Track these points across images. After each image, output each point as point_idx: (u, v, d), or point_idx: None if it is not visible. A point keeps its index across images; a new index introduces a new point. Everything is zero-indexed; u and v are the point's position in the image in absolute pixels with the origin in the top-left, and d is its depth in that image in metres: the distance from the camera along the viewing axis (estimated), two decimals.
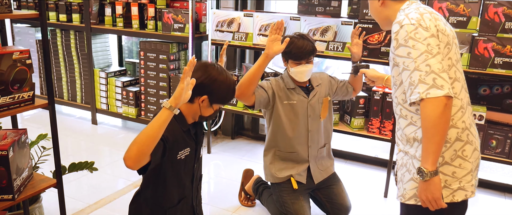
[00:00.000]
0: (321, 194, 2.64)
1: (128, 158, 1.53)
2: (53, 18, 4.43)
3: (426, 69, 1.46)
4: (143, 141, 1.53)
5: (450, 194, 1.57)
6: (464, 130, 1.56)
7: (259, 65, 2.26)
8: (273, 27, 2.25)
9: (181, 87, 1.56)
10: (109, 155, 3.79)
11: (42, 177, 2.18)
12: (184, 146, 1.88)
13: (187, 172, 1.96)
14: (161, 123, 1.55)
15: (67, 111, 4.90)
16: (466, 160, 1.57)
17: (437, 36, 1.51)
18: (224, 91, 1.85)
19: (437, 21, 1.56)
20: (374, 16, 1.82)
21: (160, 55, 3.93)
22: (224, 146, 4.06)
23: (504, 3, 2.65)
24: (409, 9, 1.62)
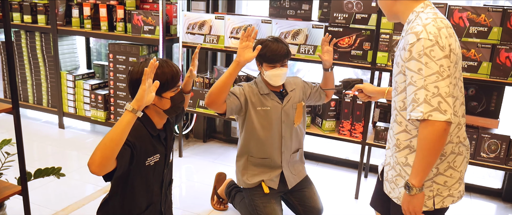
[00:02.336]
0: (293, 198, 2.65)
1: (92, 163, 1.49)
2: (17, 19, 4.29)
3: (433, 91, 1.46)
4: (106, 145, 1.50)
5: (440, 201, 1.68)
6: (458, 144, 1.65)
7: (230, 73, 2.21)
8: (244, 34, 2.21)
9: (143, 89, 1.54)
10: (77, 160, 3.70)
11: (6, 184, 2.11)
12: (153, 152, 1.85)
13: (156, 178, 1.93)
14: (124, 126, 1.52)
15: (33, 115, 4.75)
16: (455, 170, 1.67)
17: (449, 56, 1.51)
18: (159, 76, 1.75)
19: (451, 38, 1.55)
20: (382, 6, 1.77)
21: (129, 58, 3.86)
22: (196, 149, 4.03)
23: (468, 8, 2.74)
24: (426, 15, 1.58)
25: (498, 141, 2.85)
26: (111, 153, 1.52)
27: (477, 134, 2.88)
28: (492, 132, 2.88)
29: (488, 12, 2.70)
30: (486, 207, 3.23)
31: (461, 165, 1.68)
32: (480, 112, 3.14)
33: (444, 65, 1.48)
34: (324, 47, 2.61)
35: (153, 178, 1.90)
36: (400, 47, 1.64)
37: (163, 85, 1.78)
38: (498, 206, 3.24)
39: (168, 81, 1.81)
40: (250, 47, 2.22)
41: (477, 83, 3.05)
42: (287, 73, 2.45)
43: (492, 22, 2.71)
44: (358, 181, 3.20)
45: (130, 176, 1.80)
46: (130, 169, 1.73)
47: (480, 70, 2.76)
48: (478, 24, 2.74)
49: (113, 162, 1.57)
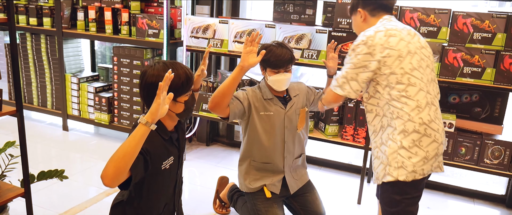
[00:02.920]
0: (296, 202, 2.64)
1: (105, 177, 1.49)
2: (23, 22, 4.32)
3: (344, 75, 1.96)
4: (120, 158, 1.50)
5: (403, 174, 1.88)
6: (422, 125, 1.86)
7: (234, 78, 2.20)
8: (248, 39, 2.20)
9: (158, 102, 1.54)
10: (80, 163, 3.71)
11: (9, 186, 2.12)
12: (168, 155, 1.86)
13: (172, 180, 1.95)
14: (138, 139, 1.52)
15: (37, 117, 4.78)
16: (421, 148, 1.87)
17: (374, 54, 1.87)
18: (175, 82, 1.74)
19: (390, 38, 1.88)
20: (356, 30, 2.14)
21: (134, 61, 3.88)
22: (198, 153, 4.03)
23: (472, 14, 2.74)
24: (376, 25, 1.97)
25: (502, 147, 2.83)
26: (125, 166, 1.52)
27: (480, 140, 2.87)
28: (496, 138, 2.87)
29: (492, 18, 2.70)
30: (490, 214, 3.21)
31: (428, 146, 1.87)
32: (484, 118, 3.13)
33: (361, 59, 1.90)
34: (330, 54, 2.60)
35: (169, 180, 1.92)
36: None
37: (177, 89, 1.78)
38: (502, 213, 3.22)
39: (183, 85, 1.81)
40: (254, 52, 2.21)
41: (481, 89, 3.04)
42: (291, 78, 2.45)
43: (496, 28, 2.70)
44: (361, 186, 3.19)
45: (146, 181, 1.80)
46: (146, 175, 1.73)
47: (484, 76, 2.75)
48: (482, 30, 2.73)
49: (126, 173, 1.57)
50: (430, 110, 1.88)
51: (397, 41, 1.87)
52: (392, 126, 1.90)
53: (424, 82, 1.88)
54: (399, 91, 1.85)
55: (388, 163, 1.92)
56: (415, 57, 1.88)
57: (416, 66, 1.87)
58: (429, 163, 1.91)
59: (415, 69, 1.87)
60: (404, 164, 1.88)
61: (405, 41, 1.89)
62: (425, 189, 3.43)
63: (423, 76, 1.88)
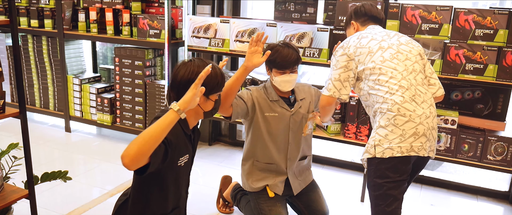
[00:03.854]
0: (299, 201, 2.64)
1: (127, 156, 1.47)
2: (24, 24, 4.33)
3: (329, 77, 2.19)
4: (145, 140, 1.49)
5: (381, 151, 2.02)
6: (394, 105, 2.00)
7: (237, 77, 2.19)
8: (253, 39, 2.19)
9: (193, 92, 1.57)
10: (83, 164, 3.71)
11: (14, 188, 2.12)
12: (185, 152, 1.85)
13: (185, 180, 1.94)
14: (167, 124, 1.53)
15: (40, 118, 4.78)
16: (397, 127, 1.99)
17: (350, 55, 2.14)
18: (212, 79, 1.79)
19: (362, 39, 2.16)
20: None
21: (135, 61, 3.88)
22: (201, 152, 4.03)
23: (474, 11, 2.73)
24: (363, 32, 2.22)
25: (505, 144, 2.83)
26: (148, 149, 1.51)
27: (483, 136, 2.87)
28: (499, 134, 2.87)
29: (494, 15, 2.69)
30: (493, 210, 3.21)
31: (404, 125, 1.99)
32: (486, 115, 3.12)
33: (340, 60, 2.17)
34: None
35: (182, 179, 1.91)
36: None
37: (213, 87, 1.81)
38: (505, 209, 3.22)
39: (219, 83, 1.84)
40: (259, 52, 2.20)
41: (483, 85, 3.03)
42: (297, 79, 2.43)
43: (498, 24, 2.70)
44: (364, 184, 3.19)
45: (162, 175, 1.79)
46: (163, 167, 1.71)
47: (486, 72, 2.75)
48: (484, 27, 2.73)
49: (146, 159, 1.55)
50: (403, 93, 2.02)
51: (368, 40, 2.14)
52: (376, 111, 2.09)
53: (398, 71, 2.05)
54: (373, 80, 2.07)
55: (368, 141, 2.09)
56: (388, 51, 2.10)
57: (388, 58, 2.08)
58: (407, 141, 1.99)
59: (386, 60, 2.08)
60: (380, 142, 2.02)
61: (376, 40, 2.14)
62: (428, 186, 3.45)
63: (397, 67, 2.06)
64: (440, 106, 3.20)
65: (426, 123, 2.02)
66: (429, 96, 2.10)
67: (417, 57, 2.15)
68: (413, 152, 2.01)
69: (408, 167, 2.06)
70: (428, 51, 2.86)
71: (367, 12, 2.33)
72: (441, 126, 2.95)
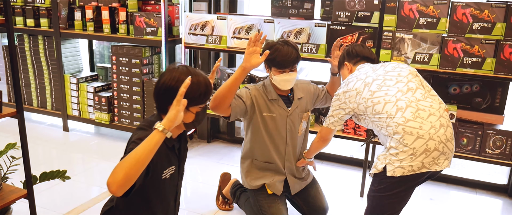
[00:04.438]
0: (298, 197, 2.64)
1: (113, 183, 1.41)
2: (20, 23, 4.30)
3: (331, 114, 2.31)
4: (132, 165, 1.43)
5: (391, 170, 2.01)
6: (398, 125, 1.99)
7: (236, 78, 2.15)
8: (251, 39, 2.15)
9: (177, 109, 1.49)
10: (82, 163, 3.70)
11: (12, 188, 2.12)
12: (169, 164, 1.79)
13: (172, 191, 1.89)
14: (152, 147, 1.46)
15: (37, 118, 4.77)
16: (407, 146, 1.98)
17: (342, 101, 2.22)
18: (193, 89, 1.68)
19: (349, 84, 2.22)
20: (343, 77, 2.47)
21: (132, 60, 3.87)
22: (200, 150, 4.03)
23: (471, 4, 2.73)
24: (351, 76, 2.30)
25: (503, 137, 2.83)
26: (135, 173, 1.45)
27: (482, 130, 2.87)
28: (497, 128, 2.87)
29: (491, 8, 2.69)
30: (492, 203, 3.22)
31: (414, 143, 1.97)
32: (485, 108, 3.13)
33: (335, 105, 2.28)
34: (335, 52, 2.57)
35: (169, 191, 1.85)
36: None
37: (194, 98, 1.70)
38: (504, 202, 3.23)
39: (201, 95, 1.73)
40: (258, 53, 2.16)
41: (481, 79, 3.03)
42: (296, 77, 2.40)
43: (496, 18, 2.70)
44: (363, 179, 3.19)
45: (146, 190, 1.74)
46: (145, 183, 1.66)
47: (484, 66, 2.75)
48: (481, 20, 2.73)
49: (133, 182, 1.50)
50: (404, 113, 2.01)
51: (353, 83, 2.21)
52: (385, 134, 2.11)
53: (391, 95, 2.08)
54: (370, 112, 2.12)
55: (378, 158, 2.12)
56: (374, 84, 2.14)
57: (376, 89, 2.12)
58: (418, 159, 1.97)
59: (375, 91, 2.12)
60: (390, 160, 2.02)
61: (361, 80, 2.20)
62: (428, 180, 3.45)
63: (388, 92, 2.09)
64: None
65: (437, 137, 1.97)
66: (437, 107, 2.06)
67: (409, 76, 2.16)
68: (424, 168, 1.99)
69: (418, 181, 2.06)
70: (425, 45, 2.86)
71: (358, 53, 2.41)
72: None
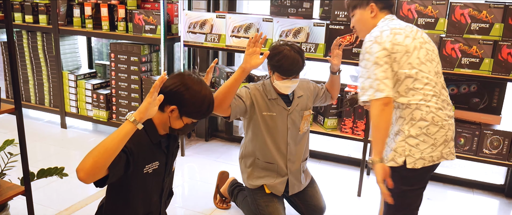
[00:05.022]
0: (296, 196, 2.64)
1: (81, 170, 1.43)
2: (19, 19, 4.29)
3: (375, 77, 1.84)
4: (100, 154, 1.45)
5: (412, 162, 1.90)
6: (429, 113, 1.88)
7: (235, 79, 2.14)
8: (251, 40, 2.13)
9: (148, 101, 1.50)
10: (79, 160, 3.65)
11: (9, 185, 2.11)
12: (152, 159, 1.79)
13: (156, 187, 1.87)
14: (122, 136, 1.47)
15: (35, 115, 4.76)
16: (429, 136, 1.89)
17: (388, 49, 1.85)
18: (196, 103, 1.71)
19: (396, 35, 1.89)
20: (360, 25, 2.09)
21: (131, 57, 3.87)
22: (198, 148, 4.03)
23: (470, 5, 2.74)
24: (379, 25, 1.98)
25: (501, 137, 2.84)
26: (104, 162, 1.46)
27: (479, 130, 2.88)
28: (495, 128, 2.88)
29: (489, 9, 2.70)
30: (489, 203, 3.23)
31: (436, 133, 1.89)
32: (482, 109, 3.14)
33: (380, 56, 1.84)
34: (334, 51, 2.54)
35: (152, 186, 1.84)
36: None
37: (190, 111, 1.71)
38: (501, 202, 3.24)
39: (200, 112, 1.75)
40: (257, 53, 2.15)
41: (479, 79, 3.04)
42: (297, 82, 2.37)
43: (494, 18, 2.71)
44: (361, 179, 3.20)
45: (126, 183, 1.74)
46: (126, 175, 1.67)
47: (482, 66, 2.76)
48: (479, 21, 2.73)
49: (104, 171, 1.51)
50: (438, 99, 1.91)
51: (403, 38, 1.89)
52: (402, 116, 1.92)
53: (431, 75, 1.91)
54: (407, 85, 1.87)
55: (395, 149, 1.93)
56: (421, 52, 1.91)
57: (423, 60, 1.90)
58: (438, 149, 1.93)
59: (422, 63, 1.89)
60: (411, 152, 1.90)
61: (410, 38, 1.91)
62: None
63: (430, 70, 1.91)
64: None
65: (453, 127, 1.97)
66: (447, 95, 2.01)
67: (438, 57, 2.01)
68: (442, 158, 1.96)
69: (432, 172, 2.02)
70: None
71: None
72: None
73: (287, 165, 2.50)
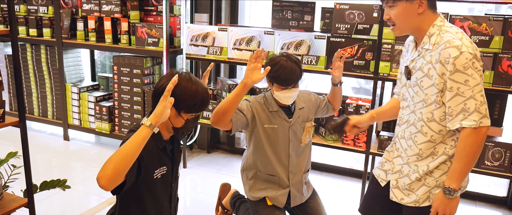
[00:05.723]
0: (298, 208, 2.63)
1: (103, 177, 1.46)
2: (23, 33, 4.34)
3: (481, 99, 1.62)
4: (120, 160, 1.48)
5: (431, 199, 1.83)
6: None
7: (236, 94, 2.14)
8: (253, 55, 2.15)
9: (164, 105, 1.53)
10: (81, 172, 3.71)
11: (13, 197, 2.12)
12: (160, 164, 1.82)
13: (165, 192, 1.90)
14: (140, 141, 1.51)
15: (38, 127, 4.79)
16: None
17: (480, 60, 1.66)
18: (188, 97, 1.73)
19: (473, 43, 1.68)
20: (401, 19, 1.75)
21: (134, 70, 3.90)
22: (200, 160, 4.04)
23: (469, 18, 2.75)
24: (452, 29, 1.70)
25: (502, 149, 2.84)
26: (124, 168, 1.49)
27: None
28: (496, 140, 2.88)
29: (489, 21, 2.72)
30: None
31: None
32: None
33: (482, 76, 1.64)
34: (336, 63, 2.55)
35: (161, 191, 1.87)
36: (433, 60, 1.69)
37: (187, 105, 1.74)
38: (503, 214, 3.23)
39: (196, 105, 1.77)
40: (259, 69, 2.17)
41: None
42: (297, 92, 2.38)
43: (493, 31, 2.72)
44: (363, 191, 3.20)
45: (138, 189, 1.77)
46: (137, 181, 1.70)
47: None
48: (479, 33, 2.75)
49: (123, 177, 1.54)
50: None
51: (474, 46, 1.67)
52: (450, 155, 1.75)
53: None
54: None
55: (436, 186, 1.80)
56: None
57: None
58: None
59: None
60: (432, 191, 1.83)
61: None
62: None
63: None
64: None
65: None
66: None
67: None
68: None
69: None
70: None
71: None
72: None
73: (289, 177, 2.50)
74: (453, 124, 1.66)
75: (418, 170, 1.82)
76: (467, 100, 1.62)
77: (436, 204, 1.76)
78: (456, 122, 1.65)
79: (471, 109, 1.62)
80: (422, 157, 1.81)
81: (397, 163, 1.92)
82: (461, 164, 1.68)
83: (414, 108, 1.81)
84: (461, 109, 1.63)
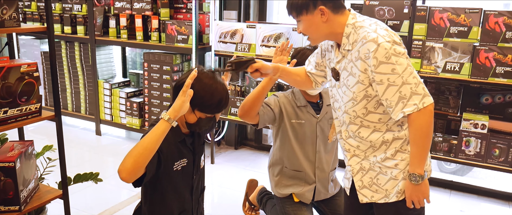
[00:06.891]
0: (325, 205, 2.63)
1: (124, 170, 1.49)
2: (58, 30, 4.48)
3: (414, 81, 1.58)
4: (140, 153, 1.51)
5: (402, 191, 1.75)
6: None
7: (263, 87, 2.16)
8: (278, 48, 2.17)
9: (182, 99, 1.56)
10: (113, 166, 3.81)
11: (48, 188, 2.20)
12: (179, 157, 1.84)
13: (186, 184, 1.92)
14: (159, 134, 1.54)
15: (71, 122, 4.93)
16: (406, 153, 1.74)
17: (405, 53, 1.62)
18: (206, 95, 1.71)
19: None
20: (311, 31, 1.74)
21: (163, 66, 3.96)
22: (227, 156, 4.07)
23: (504, 13, 2.68)
24: (365, 22, 1.68)
25: None
26: (144, 160, 1.53)
27: None
28: None
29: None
30: None
31: None
32: None
33: (408, 57, 1.61)
34: None
35: (182, 183, 1.90)
36: (353, 58, 1.68)
37: (201, 104, 1.73)
38: None
39: (212, 105, 1.75)
40: (285, 61, 2.18)
41: None
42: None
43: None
44: None
45: (159, 182, 1.80)
46: (158, 174, 1.73)
47: None
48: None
49: (143, 169, 1.57)
50: None
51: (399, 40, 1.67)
52: (401, 138, 1.71)
53: None
54: None
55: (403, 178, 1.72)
56: None
57: None
58: None
59: None
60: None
61: None
62: (458, 191, 3.39)
63: None
64: (470, 110, 3.14)
65: None
66: None
67: None
68: None
69: None
70: (456, 54, 2.82)
71: None
72: (470, 131, 2.89)
73: (315, 173, 2.50)
74: (396, 114, 1.62)
75: (375, 161, 1.77)
76: (400, 88, 1.58)
77: (407, 193, 1.71)
78: (398, 111, 1.61)
79: (407, 95, 1.58)
80: (376, 147, 1.75)
81: (355, 163, 1.83)
82: (419, 148, 1.65)
83: (345, 108, 1.78)
84: (398, 98, 1.60)
